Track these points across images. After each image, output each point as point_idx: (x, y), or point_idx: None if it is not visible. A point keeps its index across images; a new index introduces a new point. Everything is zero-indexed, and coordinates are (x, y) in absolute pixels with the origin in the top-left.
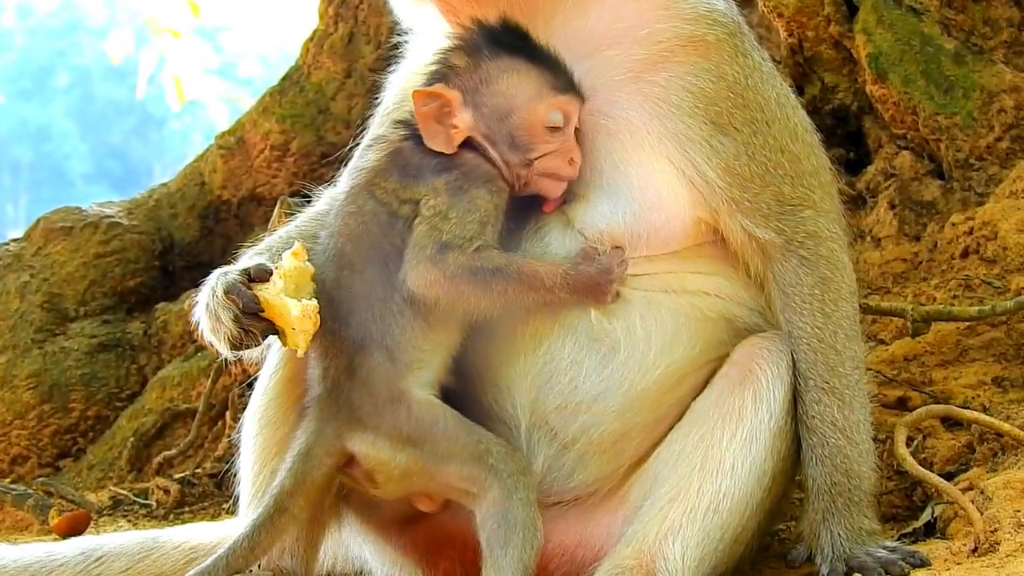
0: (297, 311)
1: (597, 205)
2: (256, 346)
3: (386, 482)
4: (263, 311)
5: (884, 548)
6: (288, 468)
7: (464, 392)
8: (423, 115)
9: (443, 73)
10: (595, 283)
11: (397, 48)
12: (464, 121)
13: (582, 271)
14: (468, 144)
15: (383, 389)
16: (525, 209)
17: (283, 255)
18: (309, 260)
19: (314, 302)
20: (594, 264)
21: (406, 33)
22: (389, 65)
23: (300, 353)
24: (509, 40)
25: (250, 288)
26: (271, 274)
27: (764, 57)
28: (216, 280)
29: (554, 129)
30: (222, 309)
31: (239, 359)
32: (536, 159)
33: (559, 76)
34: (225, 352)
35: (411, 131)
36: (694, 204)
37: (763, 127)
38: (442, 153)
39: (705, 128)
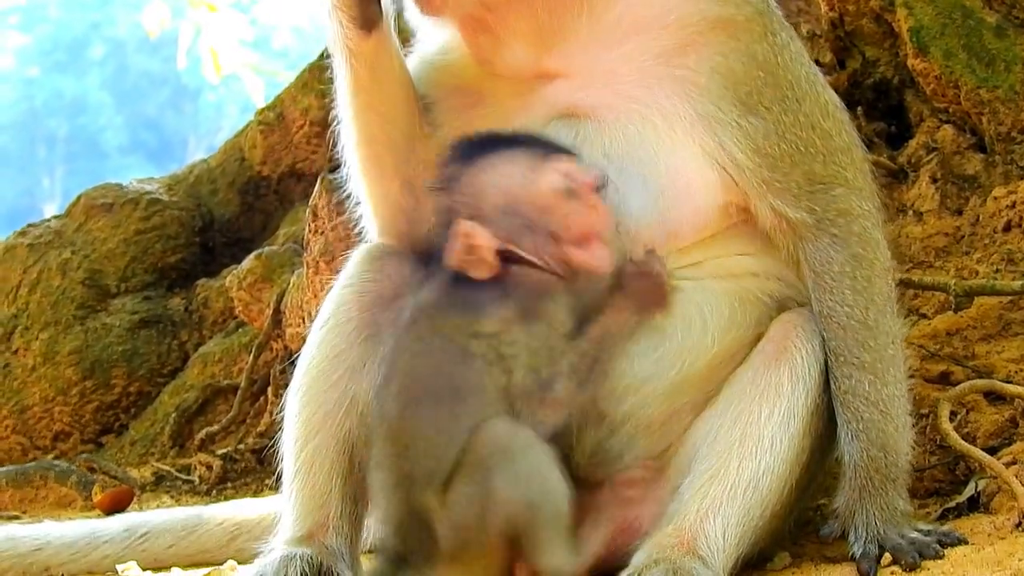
0: None
1: (628, 198)
2: None
3: None
4: None
5: (918, 530)
6: None
7: None
8: (456, 256)
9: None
10: (652, 296)
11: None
12: (485, 239)
13: (638, 292)
14: (505, 257)
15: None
16: None
17: None
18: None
19: None
20: (644, 281)
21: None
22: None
23: None
24: (479, 146)
25: None
26: None
27: (792, 35)
28: None
29: (565, 193)
30: None
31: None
32: (559, 229)
33: (541, 146)
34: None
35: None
36: (724, 188)
37: (794, 105)
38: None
39: (735, 109)
